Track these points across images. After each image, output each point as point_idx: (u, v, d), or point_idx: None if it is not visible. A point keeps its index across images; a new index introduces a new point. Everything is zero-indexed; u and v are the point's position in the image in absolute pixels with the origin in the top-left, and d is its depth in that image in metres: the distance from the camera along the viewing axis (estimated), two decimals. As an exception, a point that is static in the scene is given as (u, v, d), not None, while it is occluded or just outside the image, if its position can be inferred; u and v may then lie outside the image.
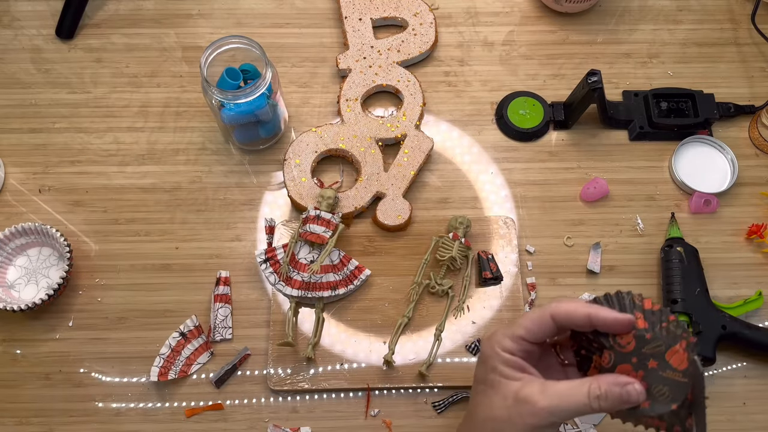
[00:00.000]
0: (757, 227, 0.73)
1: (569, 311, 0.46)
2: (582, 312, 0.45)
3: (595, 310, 0.45)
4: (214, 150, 0.77)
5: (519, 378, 0.46)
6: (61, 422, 0.66)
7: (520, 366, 0.47)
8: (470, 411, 0.50)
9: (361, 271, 0.70)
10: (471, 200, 0.76)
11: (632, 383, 0.44)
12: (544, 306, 0.48)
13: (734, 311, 0.69)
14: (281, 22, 0.84)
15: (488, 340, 0.49)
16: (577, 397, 0.44)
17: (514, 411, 0.45)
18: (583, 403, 0.44)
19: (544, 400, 0.44)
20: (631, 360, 0.45)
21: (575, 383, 0.45)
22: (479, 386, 0.49)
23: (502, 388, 0.46)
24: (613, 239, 0.74)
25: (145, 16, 0.84)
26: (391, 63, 0.79)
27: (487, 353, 0.48)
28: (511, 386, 0.46)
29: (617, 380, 0.44)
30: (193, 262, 0.72)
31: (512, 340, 0.47)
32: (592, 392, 0.44)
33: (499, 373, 0.47)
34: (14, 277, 0.71)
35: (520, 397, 0.45)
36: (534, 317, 0.47)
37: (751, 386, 0.68)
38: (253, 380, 0.68)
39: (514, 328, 0.47)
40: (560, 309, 0.46)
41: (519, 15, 0.85)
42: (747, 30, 0.84)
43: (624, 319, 0.45)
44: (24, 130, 0.78)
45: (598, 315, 0.45)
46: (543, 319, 0.46)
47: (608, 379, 0.44)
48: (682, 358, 0.44)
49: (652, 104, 0.78)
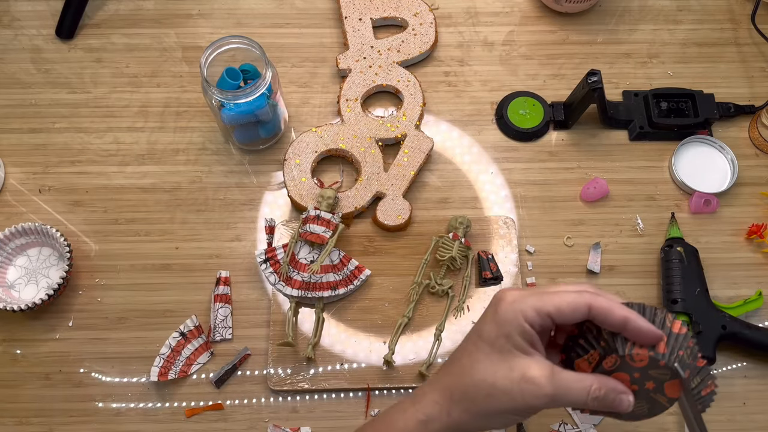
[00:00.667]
0: (757, 227, 0.73)
1: (607, 309, 0.44)
2: (620, 314, 0.44)
3: (633, 315, 0.44)
4: (214, 150, 0.77)
5: (530, 354, 0.45)
6: (61, 422, 0.66)
7: (533, 341, 0.45)
8: (463, 367, 0.47)
9: (361, 271, 0.70)
10: (471, 200, 0.76)
11: (628, 394, 0.45)
12: (579, 291, 0.45)
13: (734, 311, 0.69)
14: (281, 22, 0.84)
15: (512, 304, 0.45)
16: (579, 392, 0.44)
17: (517, 387, 0.44)
18: (582, 400, 0.44)
19: (550, 386, 0.44)
20: (633, 374, 0.45)
21: (580, 377, 0.45)
22: (483, 345, 0.46)
23: (511, 360, 0.45)
24: (613, 239, 0.74)
25: (145, 16, 0.84)
26: (391, 63, 0.79)
27: (506, 317, 0.45)
28: (521, 361, 0.45)
29: (617, 388, 0.45)
30: (193, 262, 0.72)
31: (538, 313, 0.44)
32: (592, 392, 0.44)
33: (513, 343, 0.45)
34: (14, 277, 0.71)
35: (528, 377, 0.44)
36: (570, 301, 0.44)
37: (751, 386, 0.68)
38: (253, 380, 0.68)
39: (543, 302, 0.45)
40: (599, 303, 0.44)
41: (519, 15, 0.85)
42: (747, 30, 0.84)
43: (656, 335, 0.44)
44: (24, 130, 0.78)
45: (636, 322, 0.44)
46: (578, 306, 0.44)
47: (609, 385, 0.45)
48: (677, 391, 0.46)
49: (652, 104, 0.78)
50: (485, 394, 0.45)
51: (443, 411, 0.46)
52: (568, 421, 0.67)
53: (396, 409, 0.49)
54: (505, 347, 0.45)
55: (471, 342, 0.47)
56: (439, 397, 0.47)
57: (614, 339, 0.45)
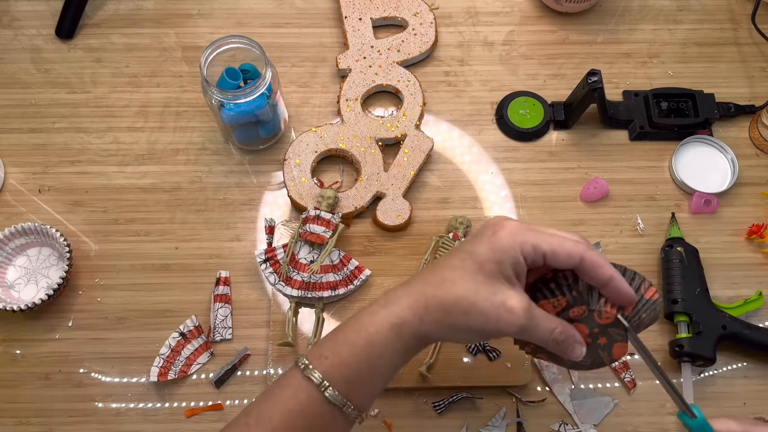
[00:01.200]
0: (757, 227, 0.73)
1: (598, 265, 0.45)
2: (607, 272, 0.46)
3: (618, 276, 0.46)
4: (214, 150, 0.77)
5: (513, 285, 0.46)
6: (61, 422, 0.66)
7: (519, 274, 0.46)
8: (444, 279, 0.46)
9: (361, 271, 0.70)
10: (471, 200, 0.76)
11: (582, 346, 0.48)
12: (576, 240, 0.46)
13: (734, 311, 0.69)
14: (281, 22, 0.84)
15: (512, 234, 0.46)
16: (544, 331, 0.46)
17: (495, 311, 0.45)
18: (544, 338, 0.47)
19: (524, 319, 0.45)
20: (594, 329, 0.48)
21: (549, 318, 0.47)
22: (471, 264, 0.46)
23: (496, 285, 0.45)
24: (614, 239, 0.74)
25: (145, 16, 0.84)
26: (391, 63, 0.79)
27: (503, 244, 0.45)
28: (504, 289, 0.45)
29: (575, 336, 0.48)
30: (193, 262, 0.72)
31: (535, 250, 0.45)
32: (555, 334, 0.47)
33: (502, 270, 0.45)
34: (14, 277, 0.71)
35: (508, 305, 0.45)
36: (567, 248, 0.45)
37: (751, 386, 0.68)
38: (253, 380, 0.68)
39: (543, 241, 0.45)
40: (592, 257, 0.45)
41: (519, 15, 0.85)
42: (747, 30, 0.84)
43: (632, 299, 0.47)
44: (24, 130, 0.78)
45: (619, 282, 0.46)
46: (573, 254, 0.45)
47: (570, 332, 0.47)
48: (622, 353, 0.50)
49: (653, 104, 0.78)
50: (462, 311, 0.45)
51: (416, 317, 0.46)
52: (568, 422, 0.67)
53: (366, 313, 0.48)
54: (494, 272, 0.45)
55: (458, 258, 0.47)
56: (414, 303, 0.46)
57: (589, 292, 0.48)
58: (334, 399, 0.46)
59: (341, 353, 0.47)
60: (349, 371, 0.46)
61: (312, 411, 0.46)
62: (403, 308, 0.47)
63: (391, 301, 0.47)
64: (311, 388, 0.46)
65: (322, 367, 0.46)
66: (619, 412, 0.67)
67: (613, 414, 0.67)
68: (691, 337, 0.67)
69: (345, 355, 0.46)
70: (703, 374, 0.69)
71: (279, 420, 0.46)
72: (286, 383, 0.48)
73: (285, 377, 0.48)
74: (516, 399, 0.67)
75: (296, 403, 0.46)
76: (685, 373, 0.67)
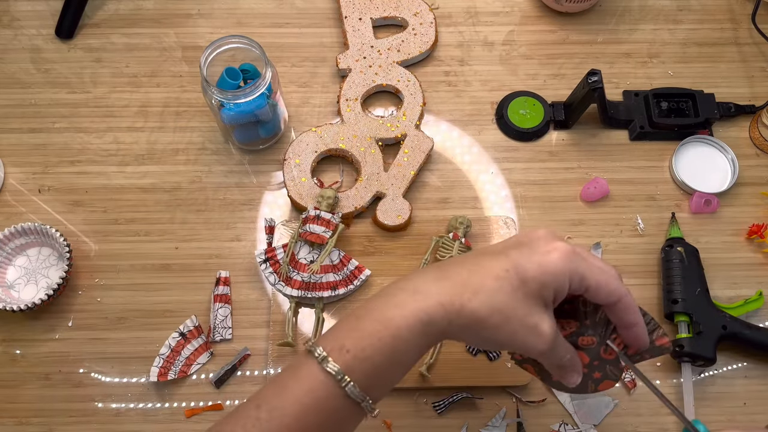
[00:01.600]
0: (757, 227, 0.73)
1: (630, 310, 0.46)
2: (634, 318, 0.46)
3: (642, 323, 0.47)
4: (214, 150, 0.77)
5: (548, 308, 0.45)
6: (61, 422, 0.66)
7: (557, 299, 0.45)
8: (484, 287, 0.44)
9: (361, 271, 0.70)
10: (471, 200, 0.76)
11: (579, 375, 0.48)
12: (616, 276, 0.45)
13: (734, 311, 0.69)
14: (281, 21, 0.84)
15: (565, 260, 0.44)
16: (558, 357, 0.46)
17: (525, 332, 0.44)
18: (554, 362, 0.47)
19: (549, 345, 0.44)
20: (593, 361, 0.49)
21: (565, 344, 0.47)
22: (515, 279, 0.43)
23: (533, 306, 0.44)
24: (614, 239, 0.74)
25: (145, 16, 0.84)
26: (391, 63, 0.79)
27: (554, 269, 0.43)
28: (539, 313, 0.44)
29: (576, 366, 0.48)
30: (192, 262, 0.72)
31: (581, 281, 0.44)
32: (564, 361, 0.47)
33: (544, 293, 0.44)
34: (14, 277, 0.71)
35: (539, 329, 0.44)
36: (612, 287, 0.44)
37: (751, 386, 0.68)
38: (253, 380, 0.68)
39: (589, 274, 0.44)
40: (627, 302, 0.45)
41: (519, 15, 0.85)
42: (747, 30, 0.84)
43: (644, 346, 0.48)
44: (24, 130, 0.78)
45: (640, 331, 0.47)
46: (612, 295, 0.45)
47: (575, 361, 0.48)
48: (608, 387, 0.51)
49: (653, 104, 0.78)
50: (493, 324, 0.43)
51: (446, 318, 0.43)
52: (568, 422, 0.67)
53: (390, 301, 0.44)
54: (535, 293, 0.44)
55: (502, 267, 0.44)
56: (448, 303, 0.43)
57: (605, 326, 0.48)
58: (354, 395, 0.43)
59: (364, 347, 0.43)
60: (371, 366, 0.43)
61: (329, 406, 0.43)
62: (434, 305, 0.43)
63: (420, 291, 0.44)
64: (330, 383, 0.43)
65: (342, 360, 0.43)
66: (619, 412, 0.67)
67: (613, 414, 0.67)
68: (691, 337, 0.67)
69: (368, 348, 0.43)
70: (704, 374, 0.69)
71: (293, 415, 0.43)
72: (301, 375, 0.44)
73: (299, 368, 0.45)
74: (516, 399, 0.67)
75: (313, 398, 0.43)
76: (686, 373, 0.67)
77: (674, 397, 0.68)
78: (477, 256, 0.46)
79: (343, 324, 0.45)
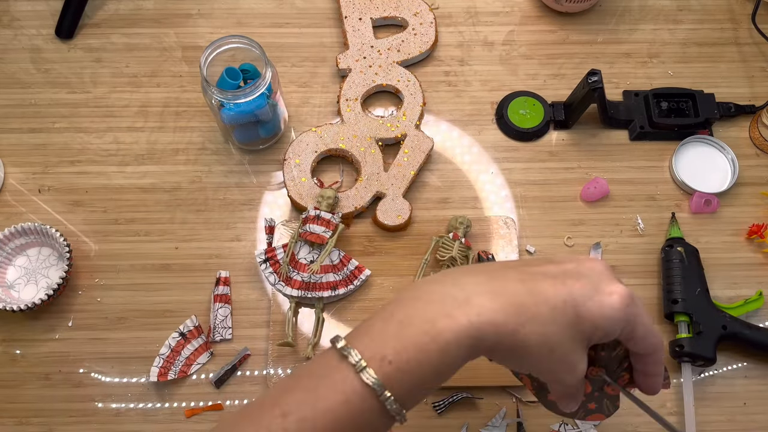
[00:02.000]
0: (757, 227, 0.73)
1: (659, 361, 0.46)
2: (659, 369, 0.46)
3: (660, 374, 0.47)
4: (214, 150, 0.77)
5: (588, 347, 0.44)
6: (61, 422, 0.66)
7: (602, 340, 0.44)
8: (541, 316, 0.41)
9: (361, 271, 0.70)
10: (471, 200, 0.76)
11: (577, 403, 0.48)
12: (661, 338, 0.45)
13: (734, 311, 0.69)
14: (281, 21, 0.84)
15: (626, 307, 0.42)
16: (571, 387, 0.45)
17: (561, 368, 0.43)
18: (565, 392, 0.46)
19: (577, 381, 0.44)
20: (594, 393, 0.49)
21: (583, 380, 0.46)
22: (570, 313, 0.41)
23: (577, 345, 0.42)
24: (614, 239, 0.74)
25: (145, 16, 0.84)
26: (391, 63, 0.79)
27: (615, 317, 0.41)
28: (579, 352, 0.43)
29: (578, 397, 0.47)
30: (192, 262, 0.72)
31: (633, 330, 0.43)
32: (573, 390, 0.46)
33: (592, 336, 0.42)
34: (14, 277, 0.71)
35: (575, 369, 0.43)
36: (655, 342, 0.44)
37: (751, 386, 0.68)
38: (253, 380, 0.68)
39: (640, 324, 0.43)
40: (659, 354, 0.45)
41: (519, 15, 0.85)
42: (747, 30, 0.84)
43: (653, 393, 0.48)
44: (24, 130, 0.78)
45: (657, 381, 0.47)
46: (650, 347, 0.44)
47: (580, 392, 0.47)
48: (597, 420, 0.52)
49: (653, 104, 0.78)
50: (538, 354, 0.41)
51: (496, 338, 0.40)
52: (568, 422, 0.66)
53: (438, 309, 0.41)
54: (585, 334, 0.42)
55: (560, 298, 0.41)
56: (502, 324, 0.40)
57: (620, 364, 0.47)
58: (392, 409, 0.40)
59: (408, 359, 0.40)
60: (414, 379, 0.40)
61: (363, 419, 0.40)
62: (487, 323, 0.40)
63: (473, 303, 0.41)
64: (367, 395, 0.39)
65: (383, 372, 0.39)
66: (619, 412, 0.67)
67: (613, 414, 0.67)
68: (691, 337, 0.67)
69: (412, 361, 0.40)
70: (703, 374, 0.69)
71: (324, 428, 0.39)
72: (334, 383, 0.40)
73: (331, 374, 0.41)
74: (516, 399, 0.67)
75: (347, 410, 0.39)
76: (686, 373, 0.67)
77: (674, 397, 0.68)
78: (533, 274, 0.43)
79: (381, 326, 0.42)
